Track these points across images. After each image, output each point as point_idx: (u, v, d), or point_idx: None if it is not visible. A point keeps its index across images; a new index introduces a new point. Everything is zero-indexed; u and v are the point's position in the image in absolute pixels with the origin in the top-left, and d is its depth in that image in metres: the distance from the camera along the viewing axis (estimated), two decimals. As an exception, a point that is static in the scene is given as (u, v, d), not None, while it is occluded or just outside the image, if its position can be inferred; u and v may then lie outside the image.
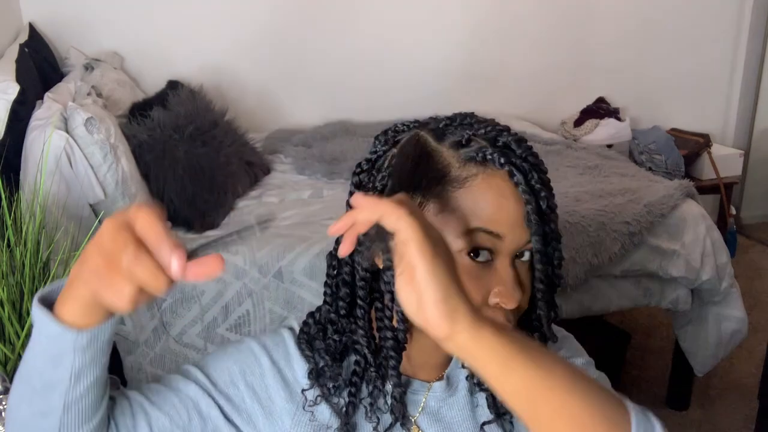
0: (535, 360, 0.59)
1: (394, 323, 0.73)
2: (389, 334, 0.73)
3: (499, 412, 0.81)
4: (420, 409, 0.80)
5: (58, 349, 0.62)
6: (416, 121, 0.80)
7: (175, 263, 0.53)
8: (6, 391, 1.02)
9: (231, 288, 1.84)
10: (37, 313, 0.62)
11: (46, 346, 0.63)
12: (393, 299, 0.72)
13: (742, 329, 2.25)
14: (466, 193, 0.71)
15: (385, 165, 0.77)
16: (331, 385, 0.76)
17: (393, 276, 0.61)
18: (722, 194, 3.25)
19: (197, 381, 0.75)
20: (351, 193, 0.79)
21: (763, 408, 1.94)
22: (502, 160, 0.71)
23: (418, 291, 0.58)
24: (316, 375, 0.77)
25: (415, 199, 0.73)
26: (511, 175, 0.71)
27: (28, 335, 1.11)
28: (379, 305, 0.74)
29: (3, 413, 1.00)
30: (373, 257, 0.61)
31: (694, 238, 2.14)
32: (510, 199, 0.71)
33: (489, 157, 0.71)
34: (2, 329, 1.11)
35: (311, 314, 0.81)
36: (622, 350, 2.47)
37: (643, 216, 2.09)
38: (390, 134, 0.79)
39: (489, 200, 0.70)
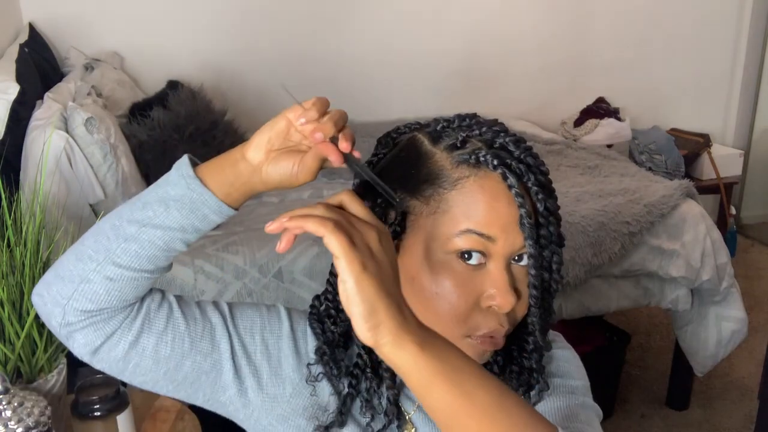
0: (457, 382, 0.60)
1: None
2: None
3: None
4: (416, 407, 0.80)
5: (172, 185, 0.69)
6: (418, 123, 0.80)
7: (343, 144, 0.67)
8: (6, 391, 1.02)
9: (231, 288, 1.84)
10: (182, 159, 0.70)
11: (165, 185, 0.69)
12: None
13: (742, 329, 2.25)
14: (458, 194, 0.70)
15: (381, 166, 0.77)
16: (332, 366, 0.77)
17: None
18: (722, 194, 3.25)
19: (222, 313, 0.77)
20: None
21: (763, 408, 1.94)
22: (495, 162, 0.70)
23: (347, 304, 0.59)
24: (321, 353, 0.77)
25: (408, 201, 0.73)
26: (504, 177, 0.70)
27: (28, 335, 1.11)
28: None
29: (3, 413, 1.00)
30: None
31: (694, 238, 2.14)
32: (502, 201, 0.70)
33: (482, 158, 0.70)
34: (2, 329, 1.11)
35: (317, 297, 0.82)
36: (622, 350, 2.47)
37: (643, 216, 2.09)
38: (391, 136, 0.80)
39: (481, 202, 0.70)
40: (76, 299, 0.69)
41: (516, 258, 0.72)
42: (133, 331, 0.71)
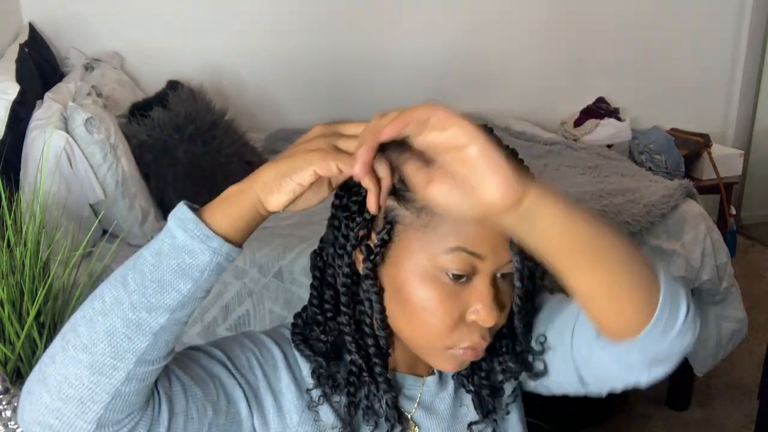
0: (587, 218, 0.60)
1: (375, 330, 0.73)
2: (371, 341, 0.73)
3: (486, 412, 0.82)
4: (416, 405, 0.81)
5: (194, 254, 0.61)
6: None
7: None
8: (6, 391, 1.02)
9: (231, 288, 1.84)
10: (184, 212, 0.62)
11: (183, 254, 0.61)
12: (372, 306, 0.72)
13: (742, 329, 2.25)
14: None
15: None
16: (330, 384, 0.76)
17: (374, 279, 0.69)
18: (722, 194, 3.24)
19: (221, 361, 0.73)
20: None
21: (763, 408, 1.94)
22: None
23: (476, 168, 0.56)
24: (318, 374, 0.77)
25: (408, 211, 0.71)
26: None
27: (28, 335, 1.11)
28: (361, 308, 0.74)
29: (3, 413, 1.00)
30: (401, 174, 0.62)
31: (694, 238, 2.14)
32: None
33: None
34: (2, 329, 1.11)
35: (298, 315, 0.81)
36: (622, 350, 2.47)
37: (643, 216, 2.09)
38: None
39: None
40: (107, 418, 0.60)
41: (502, 273, 0.72)
42: (162, 422, 0.65)
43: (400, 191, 0.70)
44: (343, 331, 0.75)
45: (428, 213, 0.69)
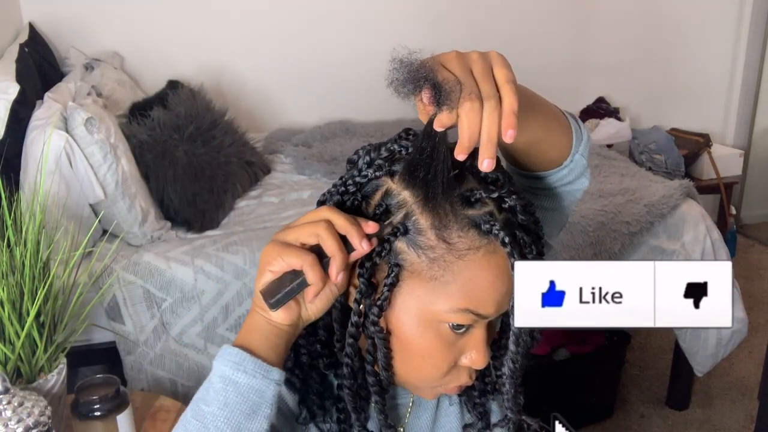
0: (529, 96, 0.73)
1: (376, 368, 0.71)
2: (372, 379, 0.71)
3: (478, 413, 0.82)
4: (408, 412, 0.81)
5: (261, 392, 0.64)
6: (370, 145, 0.74)
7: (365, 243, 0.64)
8: (6, 391, 1.02)
9: (231, 288, 1.84)
10: (236, 354, 0.64)
11: (245, 393, 0.63)
12: (374, 344, 0.69)
13: (742, 329, 2.25)
14: (464, 266, 0.66)
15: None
16: (315, 406, 0.75)
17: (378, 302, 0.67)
18: (722, 194, 3.24)
19: None
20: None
21: (763, 408, 1.94)
22: (507, 239, 0.65)
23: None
24: (302, 400, 0.75)
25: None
26: (510, 255, 0.66)
27: (28, 335, 1.12)
28: (351, 340, 0.70)
29: (3, 413, 1.00)
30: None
31: (694, 238, 2.14)
32: (503, 279, 0.67)
33: (495, 231, 0.65)
34: (2, 329, 1.11)
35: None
36: (622, 350, 2.47)
37: (643, 216, 2.09)
38: (351, 160, 0.74)
39: (483, 281, 0.66)
40: None
41: None
42: None
43: (412, 236, 0.67)
44: (339, 362, 0.73)
45: (440, 266, 0.66)
